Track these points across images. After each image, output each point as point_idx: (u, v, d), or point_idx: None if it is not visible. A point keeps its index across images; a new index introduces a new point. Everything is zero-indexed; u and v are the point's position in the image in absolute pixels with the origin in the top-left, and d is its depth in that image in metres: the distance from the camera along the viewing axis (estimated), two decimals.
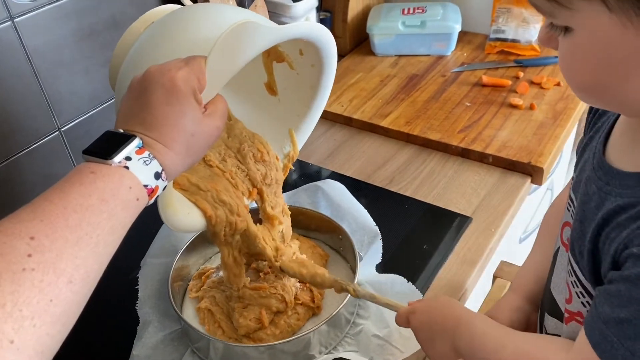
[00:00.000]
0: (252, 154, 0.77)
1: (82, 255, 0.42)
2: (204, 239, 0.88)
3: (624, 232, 0.45)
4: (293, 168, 0.85)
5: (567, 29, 0.44)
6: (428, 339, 0.65)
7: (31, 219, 0.41)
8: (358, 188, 1.01)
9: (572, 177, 0.62)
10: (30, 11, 0.84)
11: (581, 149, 0.60)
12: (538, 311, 0.71)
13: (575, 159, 0.62)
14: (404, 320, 0.68)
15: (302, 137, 0.83)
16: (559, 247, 0.61)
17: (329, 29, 0.70)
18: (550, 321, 0.63)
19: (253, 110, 0.81)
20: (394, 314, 0.76)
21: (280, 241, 0.79)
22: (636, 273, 0.42)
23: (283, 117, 0.82)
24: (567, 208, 0.60)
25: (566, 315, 0.58)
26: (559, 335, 0.61)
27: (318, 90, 0.78)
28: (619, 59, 0.42)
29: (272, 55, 0.75)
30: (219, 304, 0.80)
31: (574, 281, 0.55)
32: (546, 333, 0.65)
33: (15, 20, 0.82)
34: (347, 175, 1.06)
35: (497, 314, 0.70)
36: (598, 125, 0.57)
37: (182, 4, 0.74)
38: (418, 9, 1.40)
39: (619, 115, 0.54)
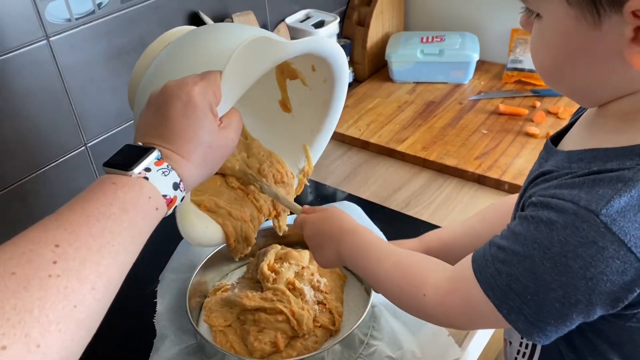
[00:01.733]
0: (272, 174, 0.79)
1: (104, 263, 0.43)
2: (221, 256, 0.90)
3: (533, 189, 0.51)
4: (308, 184, 0.86)
5: (538, 15, 0.49)
6: (317, 246, 0.70)
7: (56, 228, 0.42)
8: (374, 211, 1.02)
9: None
10: (65, 31, 0.87)
11: None
12: None
13: None
14: (298, 227, 0.73)
15: (317, 152, 0.85)
16: None
17: (348, 55, 0.72)
18: None
19: (268, 128, 0.83)
20: (407, 335, 0.77)
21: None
22: (526, 215, 0.48)
23: (297, 133, 0.83)
24: None
25: None
26: None
27: (331, 105, 0.80)
28: (573, 49, 0.47)
29: (286, 72, 0.77)
30: (232, 325, 0.80)
31: None
32: None
33: (50, 39, 0.86)
34: (363, 198, 1.07)
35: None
36: (572, 122, 0.61)
37: (205, 23, 0.76)
38: (437, 37, 1.43)
39: (583, 111, 0.58)
